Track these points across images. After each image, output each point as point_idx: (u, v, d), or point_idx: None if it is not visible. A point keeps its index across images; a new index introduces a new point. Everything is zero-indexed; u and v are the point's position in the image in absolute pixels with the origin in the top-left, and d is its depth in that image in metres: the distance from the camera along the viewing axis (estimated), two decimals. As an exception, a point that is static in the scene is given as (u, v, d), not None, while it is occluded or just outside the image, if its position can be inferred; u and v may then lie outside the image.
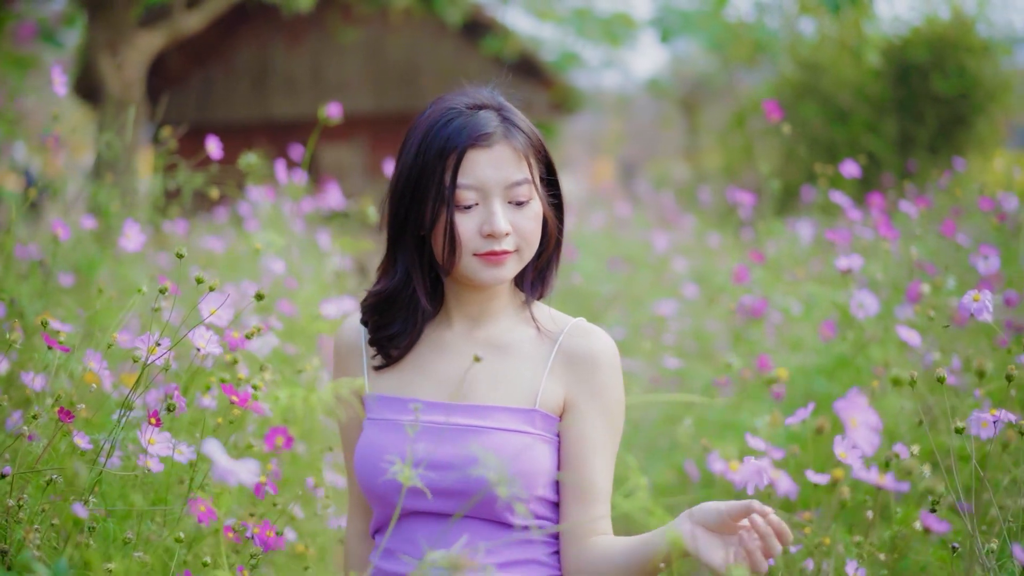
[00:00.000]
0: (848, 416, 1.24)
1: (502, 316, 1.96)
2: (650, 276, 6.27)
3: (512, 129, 1.88)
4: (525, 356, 1.92)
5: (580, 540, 1.86)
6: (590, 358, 1.89)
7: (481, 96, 1.92)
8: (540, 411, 1.87)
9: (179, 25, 9.39)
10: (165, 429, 1.93)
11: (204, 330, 1.92)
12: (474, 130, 1.84)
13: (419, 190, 1.85)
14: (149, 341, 1.87)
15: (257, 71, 14.01)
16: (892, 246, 3.52)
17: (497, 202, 1.85)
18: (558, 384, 1.89)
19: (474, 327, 1.95)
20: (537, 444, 1.85)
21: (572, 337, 1.92)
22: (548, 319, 1.96)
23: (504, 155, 1.85)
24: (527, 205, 1.87)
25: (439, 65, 13.58)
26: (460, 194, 1.84)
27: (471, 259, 1.86)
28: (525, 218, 1.87)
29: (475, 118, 1.86)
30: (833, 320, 3.29)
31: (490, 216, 1.84)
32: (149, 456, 1.89)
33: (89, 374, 2.16)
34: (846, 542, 2.26)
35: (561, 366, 1.90)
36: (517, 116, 1.91)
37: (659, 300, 5.42)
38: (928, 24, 11.19)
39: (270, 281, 3.78)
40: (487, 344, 1.93)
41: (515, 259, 1.88)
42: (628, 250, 6.93)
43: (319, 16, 12.69)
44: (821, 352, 3.36)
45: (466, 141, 1.83)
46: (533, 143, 1.91)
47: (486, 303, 1.95)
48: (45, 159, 4.87)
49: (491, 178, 1.84)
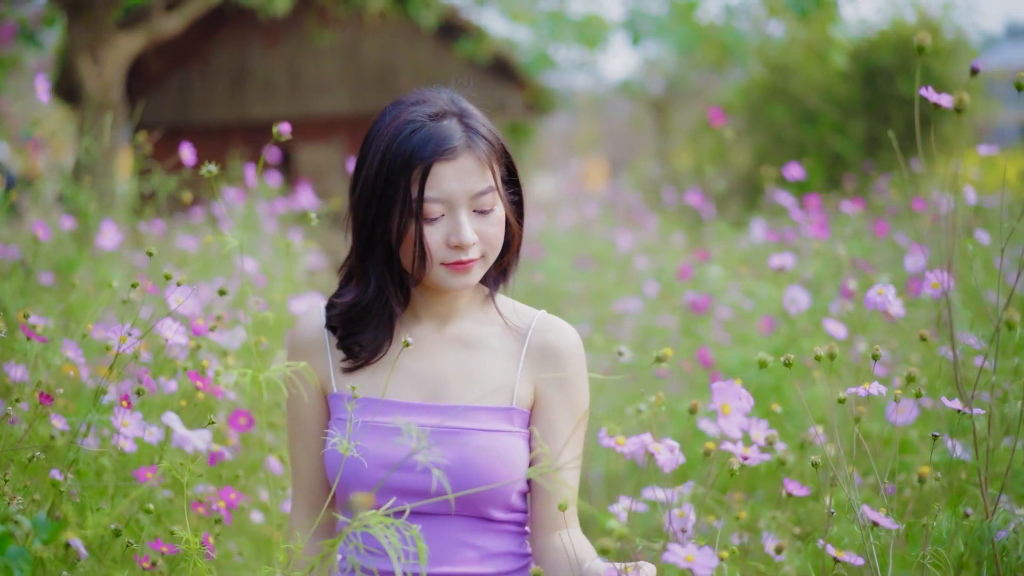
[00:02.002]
0: (720, 401, 1.42)
1: (469, 313, 1.99)
2: (615, 274, 6.47)
3: (474, 137, 1.88)
4: (495, 351, 1.95)
5: (547, 533, 1.91)
6: (558, 352, 1.93)
7: (441, 102, 1.91)
8: (517, 408, 1.91)
9: (158, 27, 9.50)
10: (137, 410, 2.11)
11: (171, 321, 2.10)
12: (439, 144, 1.84)
13: (384, 202, 1.85)
14: (121, 331, 2.05)
15: (235, 73, 14.15)
16: (830, 245, 3.73)
17: (463, 213, 1.86)
18: (528, 379, 1.93)
19: (443, 325, 1.97)
20: (517, 440, 1.89)
21: (540, 332, 1.95)
22: (513, 312, 2.00)
23: (468, 166, 1.86)
24: (491, 212, 1.89)
25: (415, 66, 13.74)
26: (427, 207, 1.84)
27: (439, 268, 1.87)
28: (489, 224, 1.88)
29: (438, 129, 1.86)
30: (772, 315, 3.50)
31: (457, 228, 1.85)
32: (122, 437, 2.07)
33: (66, 364, 2.35)
34: (765, 517, 2.46)
35: (531, 361, 1.93)
36: (478, 121, 1.91)
37: (623, 297, 5.62)
38: (894, 27, 11.43)
39: (241, 280, 3.95)
40: (457, 341, 1.96)
41: (480, 264, 1.90)
42: (595, 249, 7.13)
43: (296, 19, 12.82)
44: (761, 346, 3.56)
45: (431, 155, 1.84)
46: (495, 148, 1.92)
47: (452, 302, 1.97)
48: (25, 161, 5.03)
49: (456, 190, 1.85)
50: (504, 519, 1.92)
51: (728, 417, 1.45)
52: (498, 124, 2.00)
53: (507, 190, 1.95)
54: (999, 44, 36.67)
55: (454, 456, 1.82)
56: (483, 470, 1.84)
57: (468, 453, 1.84)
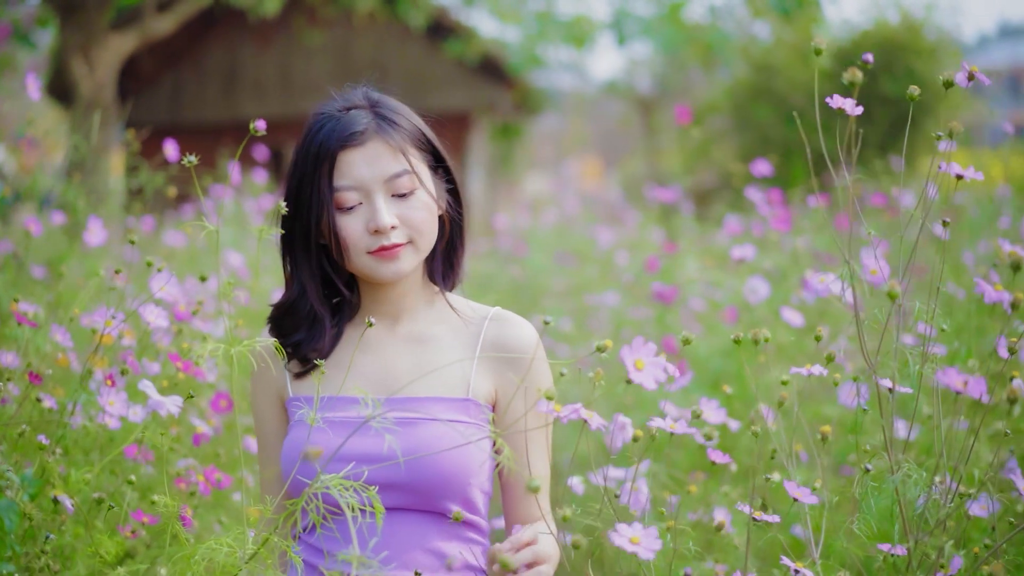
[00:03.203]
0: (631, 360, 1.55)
1: (420, 311, 1.97)
2: (597, 269, 6.62)
3: (384, 123, 1.88)
4: (449, 347, 1.92)
5: None
6: (518, 349, 1.90)
7: (353, 97, 1.93)
8: (473, 400, 1.88)
9: (150, 28, 9.63)
10: (122, 391, 2.24)
11: (154, 306, 2.24)
12: (344, 130, 1.86)
13: (301, 200, 1.87)
14: (106, 315, 2.19)
15: (226, 73, 14.29)
16: (796, 239, 3.87)
17: (379, 198, 1.85)
18: (487, 375, 1.91)
19: (394, 325, 1.95)
20: (474, 432, 1.85)
21: (496, 327, 1.93)
22: (465, 308, 1.98)
23: (378, 150, 1.86)
24: (412, 196, 1.87)
25: (406, 66, 13.86)
26: (340, 196, 1.85)
27: (365, 258, 1.86)
28: (412, 208, 1.86)
29: (345, 119, 1.87)
30: (736, 306, 3.64)
31: (373, 212, 1.84)
32: (108, 415, 2.21)
33: (56, 349, 2.49)
34: (716, 492, 2.60)
35: (489, 357, 1.91)
36: (391, 109, 1.91)
37: (603, 292, 5.76)
38: (877, 28, 11.59)
39: (227, 273, 4.10)
40: (409, 339, 1.94)
41: (410, 251, 1.88)
42: (575, 245, 7.28)
43: (286, 19, 12.94)
44: (725, 335, 3.71)
45: (336, 143, 1.85)
46: (412, 134, 1.91)
47: (400, 300, 1.95)
48: (18, 159, 5.17)
49: (367, 175, 1.85)
50: (465, 521, 1.88)
51: (641, 372, 1.56)
52: (488, 123, 2.02)
53: (441, 178, 1.96)
54: (992, 43, 36.85)
55: (408, 446, 1.79)
56: (437, 458, 1.80)
57: (422, 441, 1.81)
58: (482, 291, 5.57)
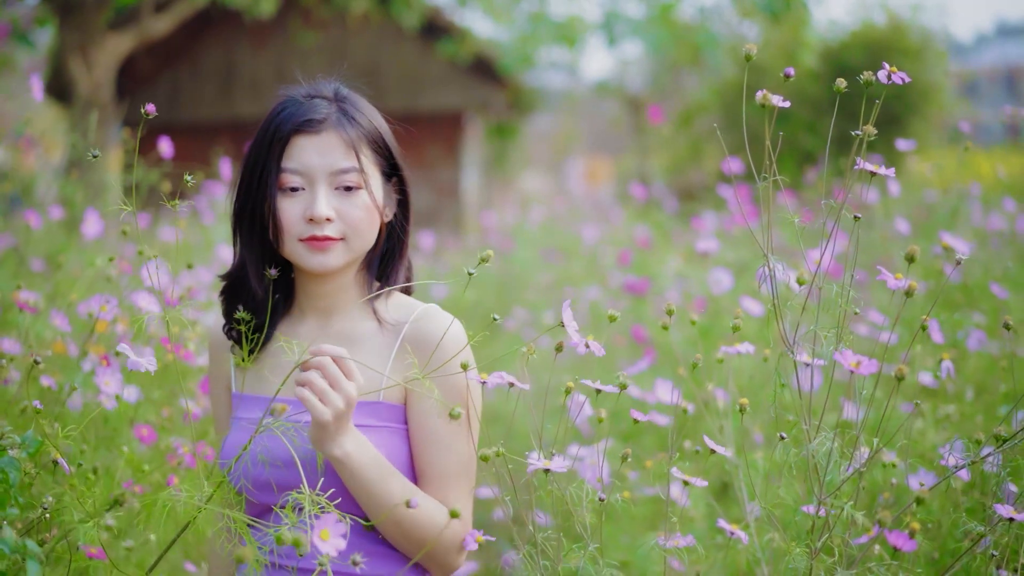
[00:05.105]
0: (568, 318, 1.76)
1: (352, 309, 1.96)
2: (582, 265, 6.79)
3: (344, 119, 1.89)
4: (371, 348, 1.91)
5: None
6: (429, 342, 1.87)
7: (322, 88, 1.95)
8: (384, 403, 1.87)
9: (147, 28, 9.80)
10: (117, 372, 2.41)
11: (146, 293, 2.42)
12: (302, 116, 1.88)
13: (251, 178, 1.89)
14: (102, 301, 2.37)
15: (223, 73, 14.45)
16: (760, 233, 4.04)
17: (321, 188, 1.86)
18: (398, 373, 1.88)
19: (326, 322, 1.95)
20: (385, 437, 1.86)
21: (415, 324, 1.91)
22: (397, 308, 1.96)
23: (331, 142, 1.87)
24: (355, 194, 1.87)
25: (400, 66, 14.01)
26: (284, 177, 1.86)
27: (296, 244, 1.87)
28: (352, 206, 1.87)
29: (307, 105, 1.90)
30: (704, 296, 3.82)
31: (312, 201, 1.85)
32: (105, 396, 2.38)
33: (55, 335, 2.67)
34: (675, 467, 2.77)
35: (403, 353, 1.88)
36: (356, 108, 1.93)
37: (587, 287, 5.93)
38: (864, 28, 11.77)
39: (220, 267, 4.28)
40: (339, 338, 1.92)
41: (342, 248, 1.88)
42: (562, 242, 7.46)
43: (281, 20, 13.09)
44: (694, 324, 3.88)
45: (292, 127, 1.87)
46: (370, 134, 1.92)
47: (333, 297, 1.95)
48: (17, 157, 5.34)
49: (316, 164, 1.86)
50: None
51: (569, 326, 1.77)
52: (483, 123, 2.10)
53: (393, 187, 1.97)
54: (990, 42, 36.91)
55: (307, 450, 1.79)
56: None
57: None
58: (467, 286, 5.72)
